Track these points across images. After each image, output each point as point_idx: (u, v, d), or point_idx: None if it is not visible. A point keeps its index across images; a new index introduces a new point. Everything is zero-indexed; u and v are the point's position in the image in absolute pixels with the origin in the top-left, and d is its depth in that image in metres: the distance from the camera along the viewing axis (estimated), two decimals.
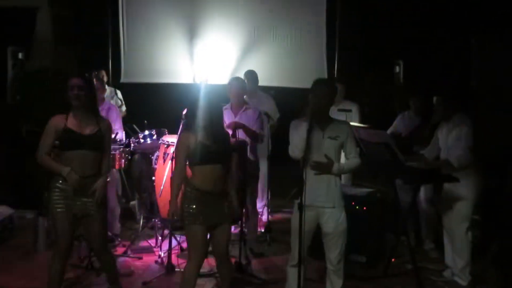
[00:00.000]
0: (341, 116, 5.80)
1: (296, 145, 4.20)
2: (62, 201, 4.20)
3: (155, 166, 6.05)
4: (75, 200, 4.23)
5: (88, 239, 4.61)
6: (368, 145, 5.19)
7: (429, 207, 6.03)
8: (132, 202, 7.13)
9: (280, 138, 7.18)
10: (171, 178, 4.38)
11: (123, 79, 8.24)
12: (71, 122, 4.22)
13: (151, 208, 6.86)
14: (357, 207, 5.56)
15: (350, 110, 6.28)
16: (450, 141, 5.21)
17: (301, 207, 4.03)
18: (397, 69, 7.93)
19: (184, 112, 5.55)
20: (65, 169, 4.18)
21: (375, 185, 6.13)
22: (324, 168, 4.19)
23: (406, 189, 5.75)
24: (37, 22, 9.44)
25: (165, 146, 5.83)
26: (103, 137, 4.32)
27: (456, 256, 5.27)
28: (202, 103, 4.22)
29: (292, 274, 4.47)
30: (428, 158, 5.43)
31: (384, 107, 8.15)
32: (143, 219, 6.55)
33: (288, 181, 7.87)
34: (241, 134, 5.53)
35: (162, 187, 5.57)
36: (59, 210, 4.19)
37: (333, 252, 4.33)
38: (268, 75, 7.53)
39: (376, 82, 8.32)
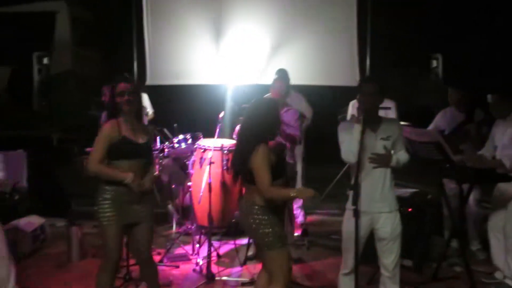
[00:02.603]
0: (380, 114, 5.60)
1: (350, 149, 4.04)
2: (114, 213, 4.02)
3: (192, 171, 5.88)
4: (128, 209, 4.07)
5: (136, 249, 4.34)
6: (415, 145, 5.00)
7: (477, 208, 5.85)
8: (169, 207, 6.96)
9: (311, 138, 7.06)
10: None
11: (149, 82, 8.05)
12: (125, 130, 4.05)
13: (183, 213, 6.74)
14: (401, 208, 5.34)
15: (389, 108, 6.07)
16: (505, 140, 5.05)
17: (356, 213, 3.86)
18: (434, 63, 7.69)
19: (221, 114, 5.39)
20: (129, 175, 3.98)
21: (417, 186, 5.92)
22: (383, 160, 4.05)
23: (453, 190, 5.55)
24: (57, 26, 9.35)
25: (202, 150, 5.63)
26: (151, 146, 4.23)
27: (510, 258, 5.06)
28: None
29: (344, 283, 4.32)
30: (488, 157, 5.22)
31: (419, 104, 7.96)
32: (175, 225, 6.42)
33: (320, 182, 7.85)
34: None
35: (201, 193, 5.38)
36: (111, 223, 4.02)
37: (389, 258, 4.21)
38: (298, 74, 7.16)
39: (411, 78, 8.12)
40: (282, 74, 6.31)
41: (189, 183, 5.99)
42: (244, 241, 5.98)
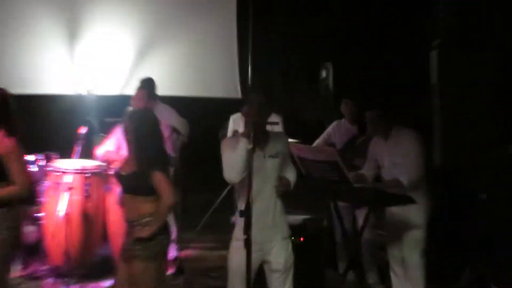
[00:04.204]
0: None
1: (232, 167, 3.87)
2: None
3: (43, 199, 5.39)
4: None
5: None
6: (308, 164, 4.85)
7: (372, 234, 5.70)
8: None
9: (186, 159, 6.61)
10: None
11: None
12: None
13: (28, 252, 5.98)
14: (292, 238, 5.05)
15: (277, 123, 5.84)
16: (395, 159, 4.97)
17: (248, 244, 3.61)
18: (323, 74, 7.55)
19: (81, 130, 4.90)
20: None
21: (308, 212, 5.71)
22: (285, 186, 4.00)
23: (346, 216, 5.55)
24: None
25: (57, 174, 5.24)
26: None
27: (410, 285, 5.02)
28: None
29: None
30: (369, 177, 5.19)
31: (307, 119, 8.09)
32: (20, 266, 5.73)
33: (197, 210, 7.46)
34: None
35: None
36: None
37: None
38: (170, 84, 6.99)
39: (297, 90, 8.17)
40: (146, 84, 6.05)
41: (38, 214, 5.43)
42: (108, 283, 5.42)
